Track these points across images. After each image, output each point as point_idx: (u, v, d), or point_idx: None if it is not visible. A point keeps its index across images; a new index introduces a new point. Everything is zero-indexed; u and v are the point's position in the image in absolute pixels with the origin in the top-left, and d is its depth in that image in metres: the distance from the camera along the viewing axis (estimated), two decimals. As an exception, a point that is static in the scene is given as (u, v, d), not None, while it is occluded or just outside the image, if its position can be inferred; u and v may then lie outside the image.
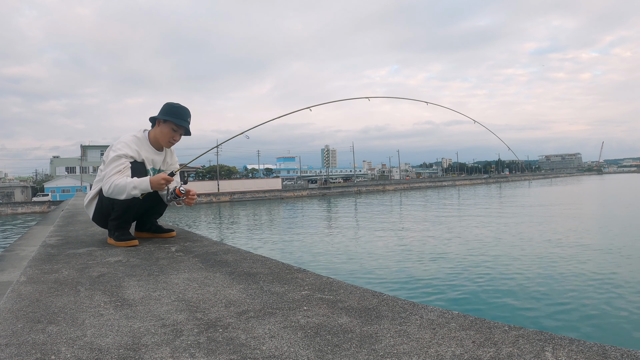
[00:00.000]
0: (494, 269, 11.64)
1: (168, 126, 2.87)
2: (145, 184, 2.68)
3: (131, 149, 2.80)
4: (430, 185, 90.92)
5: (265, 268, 2.10)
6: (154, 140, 2.94)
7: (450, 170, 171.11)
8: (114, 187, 2.67)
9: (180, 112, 2.87)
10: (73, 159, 70.40)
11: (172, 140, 2.93)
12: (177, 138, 2.94)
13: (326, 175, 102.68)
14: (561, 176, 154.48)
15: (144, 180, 2.69)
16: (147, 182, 2.68)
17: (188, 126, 2.91)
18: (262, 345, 1.14)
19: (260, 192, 62.56)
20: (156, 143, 2.95)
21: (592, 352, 1.01)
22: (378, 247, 16.31)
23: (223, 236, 22.59)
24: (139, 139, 2.88)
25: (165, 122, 2.87)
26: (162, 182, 2.71)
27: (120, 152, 2.75)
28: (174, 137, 2.92)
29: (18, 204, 51.70)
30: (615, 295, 8.98)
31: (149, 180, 2.69)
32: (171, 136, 2.90)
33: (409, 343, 1.12)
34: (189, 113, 2.92)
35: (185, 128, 2.91)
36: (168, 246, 2.81)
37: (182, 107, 2.89)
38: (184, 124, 2.87)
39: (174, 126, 2.87)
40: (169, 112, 2.86)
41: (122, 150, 2.76)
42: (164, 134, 2.89)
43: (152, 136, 2.93)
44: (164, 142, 2.94)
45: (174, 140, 2.94)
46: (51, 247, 3.01)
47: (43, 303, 1.60)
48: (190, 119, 2.93)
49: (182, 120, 2.86)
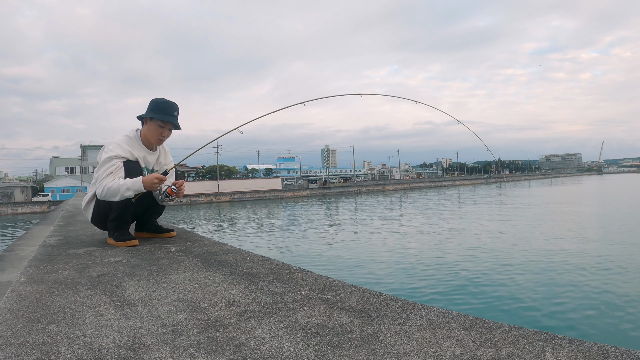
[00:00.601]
0: (494, 269, 11.64)
1: (154, 123, 2.84)
2: (138, 184, 2.66)
3: (123, 149, 2.77)
4: (430, 185, 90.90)
5: (265, 268, 2.10)
6: (145, 139, 2.91)
7: (450, 170, 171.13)
8: (106, 190, 2.65)
9: (164, 107, 2.83)
10: (73, 159, 70.40)
11: (160, 137, 2.89)
12: (165, 134, 2.90)
13: (326, 175, 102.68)
14: (561, 176, 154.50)
15: (137, 181, 2.67)
16: (139, 183, 2.66)
17: (175, 121, 2.86)
18: (262, 345, 1.14)
19: (260, 192, 62.56)
20: (147, 142, 2.92)
21: (592, 352, 1.01)
22: (378, 247, 16.30)
23: (223, 236, 22.58)
24: (130, 138, 2.86)
25: (152, 120, 2.84)
26: (155, 181, 2.69)
27: (112, 153, 2.72)
28: (162, 133, 2.88)
29: (18, 204, 51.70)
30: (615, 295, 8.97)
31: (141, 181, 2.66)
32: (159, 133, 2.87)
33: (409, 343, 1.12)
34: (176, 107, 2.88)
35: (173, 123, 2.87)
36: (168, 246, 2.81)
37: (166, 102, 2.85)
38: (170, 119, 2.83)
39: (160, 123, 2.84)
40: (153, 109, 2.82)
41: (113, 152, 2.73)
42: (151, 131, 2.86)
43: (143, 135, 2.91)
44: (154, 140, 2.90)
45: (163, 136, 2.90)
46: (51, 247, 3.01)
47: (43, 303, 1.60)
48: (177, 112, 2.88)
49: (167, 116, 2.82)
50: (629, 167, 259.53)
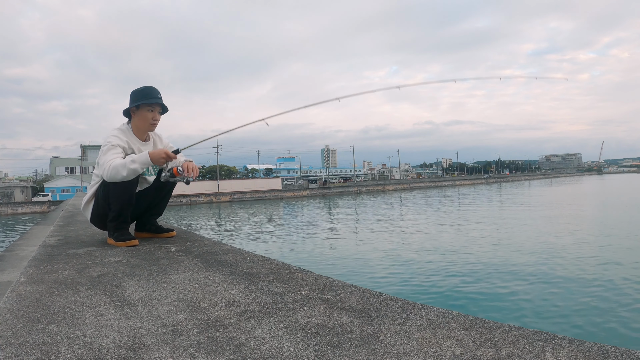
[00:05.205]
0: (494, 269, 11.64)
1: (143, 110, 2.88)
2: (144, 156, 2.67)
3: (122, 139, 2.81)
4: (430, 185, 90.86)
5: (265, 268, 2.10)
6: (136, 131, 2.94)
7: (450, 170, 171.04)
8: (112, 168, 2.64)
9: (147, 92, 2.87)
10: (73, 159, 70.36)
11: (152, 121, 2.92)
12: (157, 117, 2.94)
13: (326, 175, 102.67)
14: (561, 176, 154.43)
15: (142, 154, 2.69)
16: (145, 155, 2.67)
17: (161, 101, 2.91)
18: (262, 345, 1.14)
19: (260, 192, 62.54)
20: (140, 133, 2.95)
21: (592, 352, 1.01)
22: (378, 247, 16.30)
23: (223, 236, 22.58)
24: (124, 131, 2.89)
25: (139, 108, 2.87)
26: (163, 155, 2.70)
27: (115, 141, 2.76)
28: (154, 117, 2.91)
29: (18, 204, 51.68)
30: (615, 295, 8.97)
31: (147, 154, 2.68)
32: (150, 117, 2.90)
33: (409, 343, 1.12)
34: (157, 90, 2.92)
35: (160, 104, 2.91)
36: (168, 246, 2.81)
37: (147, 87, 2.90)
38: (157, 100, 2.87)
39: (148, 107, 2.87)
40: (137, 96, 2.87)
41: (115, 142, 2.77)
42: (142, 119, 2.89)
43: (134, 127, 2.93)
44: (146, 126, 2.93)
45: (155, 120, 2.93)
46: (51, 247, 3.01)
47: (43, 303, 1.60)
48: (160, 94, 2.92)
49: (153, 98, 2.86)
50: (629, 167, 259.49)
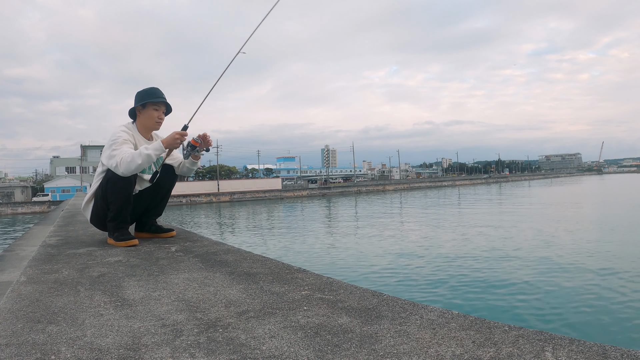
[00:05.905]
0: (494, 269, 11.64)
1: (149, 109, 2.94)
2: (157, 144, 2.71)
3: (130, 135, 2.86)
4: (431, 185, 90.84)
5: (265, 268, 2.10)
6: (142, 129, 2.99)
7: (450, 170, 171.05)
8: (129, 156, 2.64)
9: (152, 92, 2.95)
10: (73, 159, 70.35)
11: (158, 119, 2.99)
12: (162, 116, 3.01)
13: (326, 175, 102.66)
14: (561, 176, 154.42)
15: (155, 142, 2.75)
16: (158, 142, 2.72)
17: (166, 101, 2.99)
18: (262, 345, 1.14)
19: (260, 192, 62.53)
20: (145, 132, 3.00)
21: (592, 352, 1.01)
22: (378, 247, 16.30)
23: (223, 236, 22.58)
24: (129, 129, 2.93)
25: (145, 107, 2.93)
26: (176, 137, 2.75)
27: (125, 137, 2.80)
28: (159, 115, 2.98)
29: (18, 204, 51.67)
30: (615, 295, 8.97)
31: (160, 141, 2.73)
32: (156, 116, 2.96)
33: (409, 343, 1.12)
34: (161, 91, 3.00)
35: (164, 103, 2.98)
36: (168, 246, 2.81)
37: (152, 87, 2.98)
38: (161, 99, 2.95)
39: (153, 106, 2.94)
40: (142, 96, 2.93)
41: (125, 136, 2.81)
42: (147, 117, 2.95)
43: (140, 125, 2.98)
44: (152, 125, 2.99)
45: (160, 119, 3.00)
46: (51, 247, 3.01)
47: (43, 303, 1.60)
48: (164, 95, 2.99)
49: (158, 97, 2.94)
50: (629, 167, 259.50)
